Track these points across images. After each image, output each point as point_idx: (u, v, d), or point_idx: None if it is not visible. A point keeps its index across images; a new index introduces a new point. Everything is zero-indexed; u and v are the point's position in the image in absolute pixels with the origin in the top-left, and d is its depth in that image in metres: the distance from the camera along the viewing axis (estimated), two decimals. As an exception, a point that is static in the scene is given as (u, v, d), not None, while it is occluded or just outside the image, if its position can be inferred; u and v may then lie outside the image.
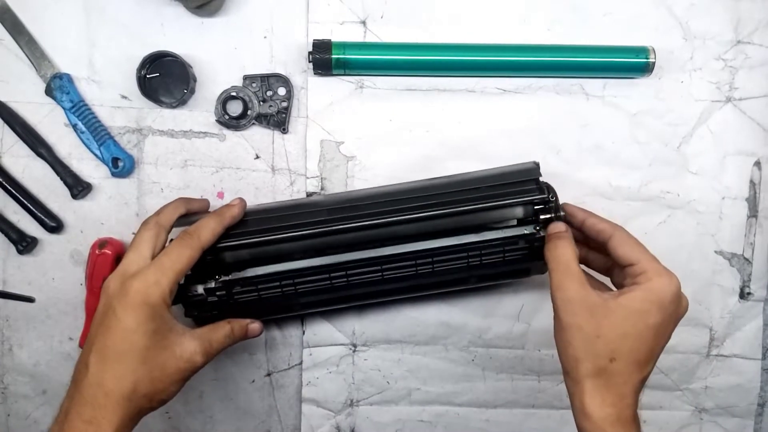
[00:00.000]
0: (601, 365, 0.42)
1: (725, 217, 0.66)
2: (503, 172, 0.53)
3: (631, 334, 0.42)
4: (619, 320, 0.42)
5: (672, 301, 0.43)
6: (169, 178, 0.62)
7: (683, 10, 0.64)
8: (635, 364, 0.42)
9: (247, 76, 0.61)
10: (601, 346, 0.41)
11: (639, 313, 0.42)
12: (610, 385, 0.42)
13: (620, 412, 0.41)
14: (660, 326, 0.42)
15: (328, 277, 0.52)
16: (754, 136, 0.65)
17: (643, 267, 0.44)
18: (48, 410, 0.64)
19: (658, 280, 0.43)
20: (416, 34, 0.62)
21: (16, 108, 0.61)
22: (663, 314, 0.42)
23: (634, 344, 0.42)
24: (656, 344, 0.43)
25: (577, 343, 0.42)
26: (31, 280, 0.62)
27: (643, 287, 0.43)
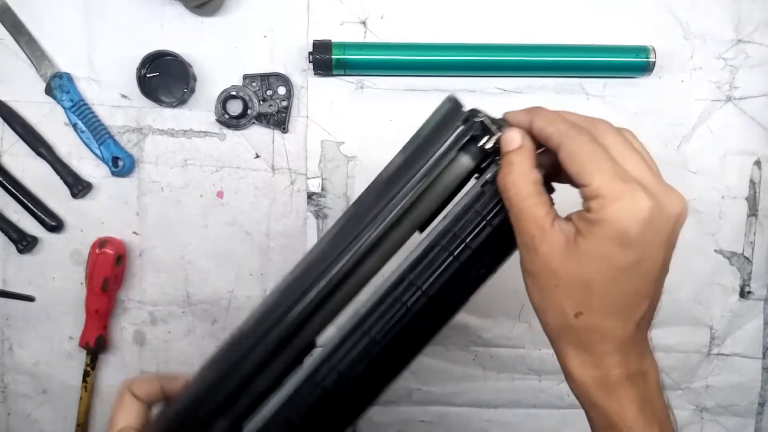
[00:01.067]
0: (566, 321, 0.33)
1: (725, 216, 0.66)
2: (418, 141, 0.40)
3: (595, 281, 0.32)
4: (578, 266, 0.32)
5: (642, 229, 0.31)
6: (169, 178, 0.62)
7: (683, 10, 0.64)
8: (611, 315, 0.33)
9: (247, 75, 0.61)
10: (561, 297, 0.33)
11: (599, 257, 0.32)
12: (584, 344, 0.34)
13: (605, 374, 0.33)
14: (634, 265, 0.32)
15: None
16: (755, 135, 0.65)
17: (595, 190, 0.31)
18: (48, 410, 0.64)
19: (613, 207, 0.31)
20: (416, 35, 0.62)
21: (16, 107, 0.61)
22: (633, 250, 0.31)
23: (603, 293, 0.32)
24: (638, 286, 0.33)
25: (537, 294, 0.34)
26: (31, 280, 0.62)
27: (597, 221, 0.31)
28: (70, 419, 0.63)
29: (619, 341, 0.33)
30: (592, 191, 0.31)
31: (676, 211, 0.32)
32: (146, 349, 0.64)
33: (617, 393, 0.34)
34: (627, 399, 0.34)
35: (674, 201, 0.32)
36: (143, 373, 0.64)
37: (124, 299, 0.63)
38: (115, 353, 0.64)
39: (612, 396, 0.33)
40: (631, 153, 0.33)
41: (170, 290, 0.63)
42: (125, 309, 0.63)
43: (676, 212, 0.32)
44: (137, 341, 0.64)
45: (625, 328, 0.33)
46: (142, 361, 0.64)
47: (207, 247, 0.63)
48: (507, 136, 0.35)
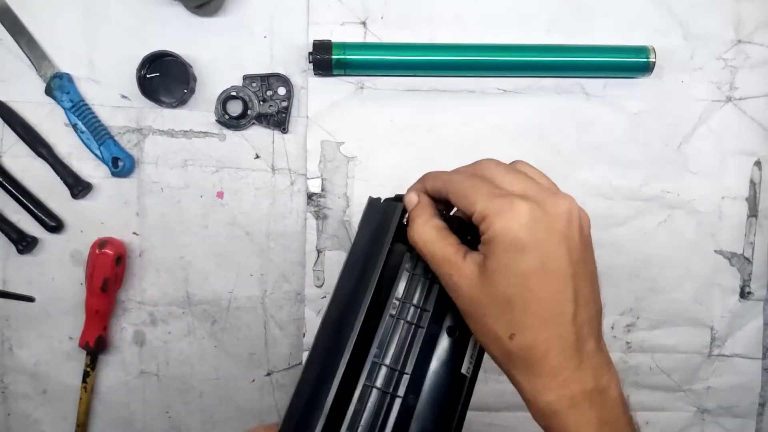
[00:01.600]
0: (504, 347, 0.33)
1: (725, 217, 0.66)
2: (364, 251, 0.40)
3: (513, 295, 0.32)
4: (493, 287, 0.33)
5: (530, 232, 0.32)
6: (169, 178, 0.62)
7: (684, 10, 0.64)
8: (541, 326, 0.32)
9: (247, 75, 0.61)
10: (491, 324, 0.33)
11: (505, 271, 0.32)
12: (529, 366, 0.33)
13: (560, 395, 0.33)
14: (539, 268, 0.32)
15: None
16: (755, 135, 0.65)
17: (480, 213, 0.33)
18: (48, 410, 0.64)
19: (499, 221, 0.32)
20: (416, 35, 0.62)
21: (16, 108, 0.61)
22: (531, 254, 0.32)
23: (524, 306, 0.32)
24: (554, 288, 0.33)
25: (475, 329, 0.35)
26: (31, 280, 0.62)
27: (491, 239, 0.32)
28: (70, 420, 0.63)
29: (562, 355, 0.33)
30: (478, 216, 0.33)
31: (562, 210, 0.33)
32: (146, 350, 0.64)
33: (575, 416, 0.33)
34: (584, 421, 0.33)
35: (559, 200, 0.34)
36: (142, 373, 0.64)
37: (124, 300, 0.63)
38: (115, 354, 0.64)
39: (570, 420, 0.33)
40: (514, 174, 0.36)
41: (170, 291, 0.63)
42: (125, 309, 0.63)
43: (562, 210, 0.33)
44: (137, 342, 0.64)
45: (563, 339, 0.33)
46: (142, 362, 0.64)
47: (207, 248, 0.63)
48: (406, 199, 0.39)
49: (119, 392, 0.64)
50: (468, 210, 0.34)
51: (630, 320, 0.66)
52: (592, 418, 0.33)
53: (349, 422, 0.34)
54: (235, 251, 0.63)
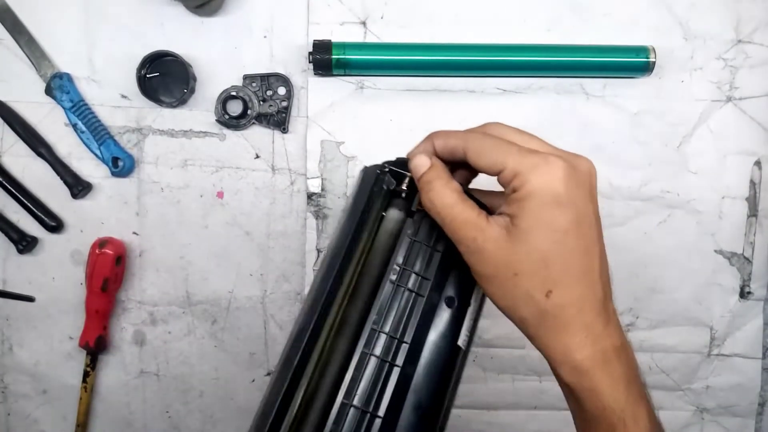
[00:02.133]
0: (540, 307, 0.33)
1: (725, 217, 0.66)
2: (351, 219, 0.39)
3: (550, 252, 0.32)
4: (528, 245, 0.32)
5: (567, 187, 0.32)
6: (169, 178, 0.62)
7: (683, 10, 0.64)
8: (578, 283, 0.33)
9: (247, 75, 0.61)
10: (525, 284, 0.32)
11: (544, 227, 0.32)
12: (565, 324, 0.33)
13: (599, 350, 0.33)
14: (575, 223, 0.32)
15: None
16: (755, 135, 0.65)
17: (512, 169, 0.33)
18: (48, 409, 0.64)
19: (535, 175, 0.32)
20: (416, 35, 0.62)
21: (16, 107, 0.61)
22: (569, 209, 0.32)
23: (561, 262, 0.32)
24: (587, 243, 0.33)
25: (501, 294, 0.34)
26: (31, 280, 0.62)
27: (528, 195, 0.32)
28: (70, 419, 0.63)
29: (596, 310, 0.33)
30: (509, 173, 0.33)
31: (587, 168, 0.34)
32: (146, 350, 0.64)
33: (607, 372, 0.33)
34: (615, 376, 0.33)
35: (582, 160, 0.35)
36: (142, 373, 0.64)
37: (123, 299, 0.63)
38: (115, 353, 0.64)
39: (603, 376, 0.33)
40: (528, 135, 0.36)
41: (170, 290, 0.63)
42: (125, 309, 0.63)
43: (587, 168, 0.34)
44: (137, 341, 0.64)
45: (595, 294, 0.33)
46: (142, 362, 0.64)
47: (207, 248, 0.63)
48: (415, 163, 0.37)
49: (119, 392, 0.64)
50: (495, 167, 0.34)
51: (630, 320, 0.66)
52: (621, 374, 0.33)
53: (346, 389, 0.33)
54: (235, 251, 0.63)
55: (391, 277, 0.36)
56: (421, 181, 0.36)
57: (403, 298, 0.35)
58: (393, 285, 0.36)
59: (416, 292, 0.36)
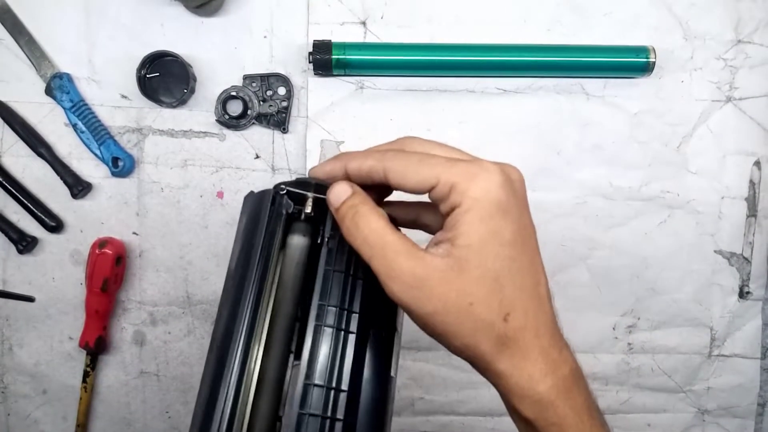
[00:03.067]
0: (499, 332, 0.29)
1: (725, 217, 0.66)
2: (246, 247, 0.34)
3: (501, 269, 0.29)
4: (482, 268, 0.28)
5: (507, 194, 0.29)
6: (169, 178, 0.62)
7: (683, 10, 0.64)
8: (530, 299, 0.30)
9: (247, 75, 0.61)
10: (482, 311, 0.29)
11: (492, 243, 0.29)
12: (525, 349, 0.29)
13: (560, 376, 0.30)
14: (518, 233, 0.29)
15: None
16: (754, 135, 0.65)
17: (446, 182, 0.29)
18: (48, 410, 0.64)
19: (476, 185, 0.29)
20: (416, 35, 0.62)
21: (16, 108, 0.61)
22: (512, 217, 0.29)
23: (511, 278, 0.29)
24: (531, 255, 0.30)
25: (455, 329, 0.29)
26: (31, 280, 0.62)
27: (471, 207, 0.29)
28: (70, 420, 0.63)
29: (550, 331, 0.30)
30: (443, 186, 0.29)
31: (518, 174, 0.31)
32: (146, 350, 0.64)
33: (572, 399, 0.30)
34: (579, 404, 0.30)
35: (510, 167, 0.31)
36: (142, 373, 0.64)
37: (123, 300, 0.63)
38: (114, 354, 0.64)
39: (568, 405, 0.30)
40: (447, 146, 0.33)
41: (170, 291, 0.63)
42: (125, 309, 0.63)
43: (518, 175, 0.31)
44: (137, 342, 0.64)
45: (546, 313, 0.30)
46: (142, 362, 0.64)
47: (207, 248, 0.63)
48: (334, 191, 0.32)
49: (119, 392, 0.64)
50: (425, 183, 0.30)
51: (631, 321, 0.66)
52: (582, 403, 0.30)
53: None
54: (235, 251, 0.63)
55: (314, 318, 0.31)
56: (342, 208, 0.32)
57: (333, 339, 0.31)
58: (319, 326, 0.31)
59: (345, 330, 0.31)
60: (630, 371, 0.67)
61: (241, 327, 0.31)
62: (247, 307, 0.31)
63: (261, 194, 0.34)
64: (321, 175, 0.34)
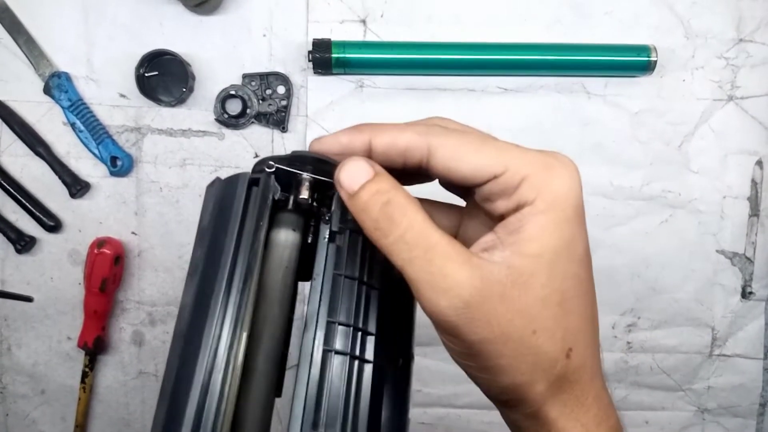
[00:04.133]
0: (560, 372, 0.23)
1: (727, 217, 0.65)
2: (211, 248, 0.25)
3: (569, 293, 0.23)
4: (548, 285, 0.22)
5: (582, 197, 0.23)
6: (168, 177, 0.62)
7: (685, 9, 0.64)
8: (592, 334, 0.24)
9: (246, 74, 0.61)
10: (545, 342, 0.22)
11: (565, 253, 0.22)
12: (579, 396, 0.24)
13: (610, 424, 0.25)
14: (587, 245, 0.24)
15: None
16: (756, 134, 0.65)
17: (518, 170, 0.23)
18: (46, 410, 0.64)
19: (556, 180, 0.22)
20: (416, 33, 0.62)
21: (15, 107, 0.61)
22: (585, 224, 0.23)
23: (575, 302, 0.23)
24: (591, 272, 0.24)
25: (515, 363, 0.23)
26: (29, 280, 0.62)
27: (545, 206, 0.22)
28: (69, 420, 0.63)
29: (599, 373, 0.25)
30: (514, 176, 0.23)
31: (578, 176, 0.24)
32: (145, 350, 0.64)
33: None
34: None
35: (570, 162, 0.24)
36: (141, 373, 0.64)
37: (122, 300, 0.63)
38: (113, 354, 0.64)
39: None
40: (486, 134, 0.26)
41: (169, 290, 0.63)
42: (124, 309, 0.63)
43: (578, 176, 0.24)
44: (136, 342, 0.64)
45: (598, 348, 0.25)
46: (140, 362, 0.64)
47: (206, 247, 0.63)
48: (348, 171, 0.24)
49: (118, 392, 0.64)
50: (484, 171, 0.23)
51: (631, 320, 0.66)
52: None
53: None
54: (235, 251, 0.63)
55: (321, 341, 0.23)
56: (363, 194, 0.23)
57: (347, 369, 0.23)
58: (329, 352, 0.23)
59: (360, 358, 0.24)
60: (628, 369, 0.67)
61: (209, 353, 0.21)
62: (215, 329, 0.22)
63: (234, 177, 0.25)
64: (331, 149, 0.27)
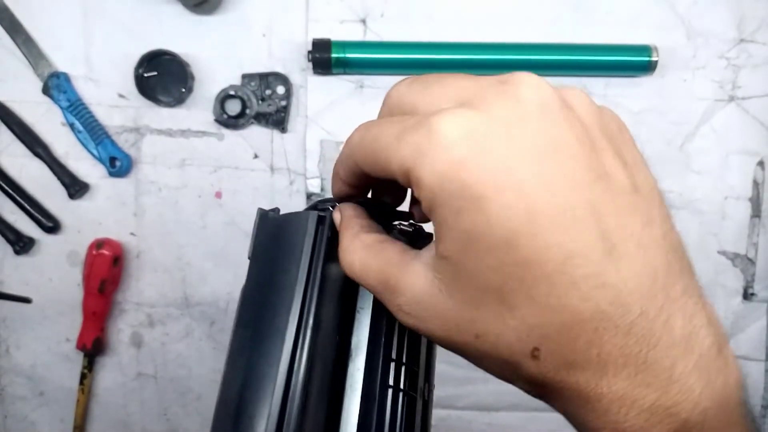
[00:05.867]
0: (535, 375, 0.21)
1: (728, 217, 0.65)
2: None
3: (505, 282, 0.19)
4: (465, 285, 0.20)
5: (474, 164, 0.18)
6: (167, 178, 0.62)
7: (686, 9, 0.63)
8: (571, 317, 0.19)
9: (245, 74, 0.61)
10: (493, 348, 0.22)
11: (471, 244, 0.19)
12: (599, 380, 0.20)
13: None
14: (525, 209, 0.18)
15: None
16: (758, 135, 0.65)
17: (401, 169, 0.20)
18: (45, 412, 0.64)
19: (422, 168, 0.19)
20: (416, 33, 0.61)
21: (13, 107, 0.60)
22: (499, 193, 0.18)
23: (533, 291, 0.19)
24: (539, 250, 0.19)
25: (482, 366, 0.24)
26: (28, 281, 0.62)
27: (429, 206, 0.20)
28: (67, 421, 0.63)
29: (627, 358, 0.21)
30: (400, 174, 0.20)
31: (525, 96, 0.20)
32: (144, 351, 0.63)
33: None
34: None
35: (510, 87, 0.20)
36: (140, 375, 0.64)
37: (121, 301, 0.63)
38: (112, 355, 0.63)
39: None
40: (438, 85, 0.22)
41: (168, 292, 0.63)
42: (122, 311, 0.63)
43: (525, 98, 0.20)
44: (135, 343, 0.63)
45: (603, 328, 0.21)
46: (139, 364, 0.64)
47: (205, 248, 0.62)
48: (334, 216, 0.26)
49: (117, 394, 0.64)
50: (386, 172, 0.21)
51: (632, 321, 0.66)
52: None
53: None
54: (234, 251, 0.63)
55: (379, 377, 0.24)
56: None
57: (402, 404, 0.24)
58: (377, 386, 0.24)
59: (403, 391, 0.24)
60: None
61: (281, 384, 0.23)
62: (288, 360, 0.23)
63: (302, 214, 0.26)
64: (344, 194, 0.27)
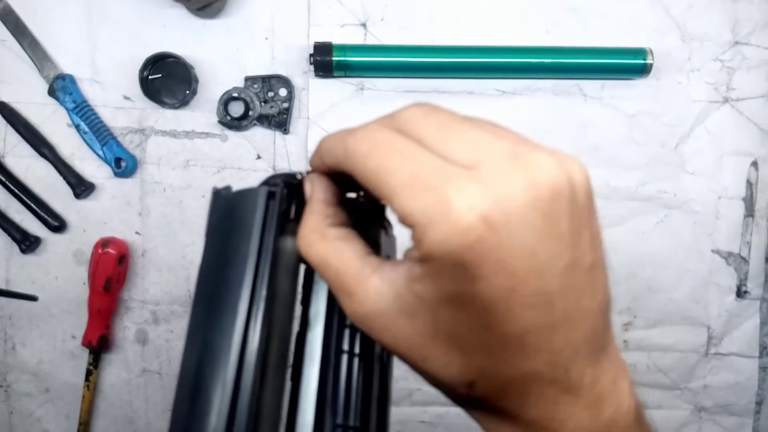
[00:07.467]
0: (466, 397, 0.24)
1: (722, 217, 0.66)
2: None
3: (463, 333, 0.21)
4: (427, 323, 0.21)
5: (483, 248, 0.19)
6: (172, 178, 0.63)
7: (681, 12, 0.64)
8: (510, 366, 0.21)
9: (248, 77, 0.62)
10: (438, 372, 0.23)
11: (445, 300, 0.20)
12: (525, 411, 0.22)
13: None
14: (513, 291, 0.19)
15: None
16: (751, 136, 0.66)
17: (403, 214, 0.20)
18: (50, 408, 0.64)
19: (429, 234, 0.19)
20: (416, 37, 0.62)
21: (19, 108, 0.61)
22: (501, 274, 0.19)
23: (479, 342, 0.21)
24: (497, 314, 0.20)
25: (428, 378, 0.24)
26: (34, 279, 0.63)
27: (426, 256, 0.20)
28: (73, 418, 0.64)
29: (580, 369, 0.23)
30: (402, 217, 0.20)
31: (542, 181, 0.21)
32: (148, 349, 0.64)
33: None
34: None
35: (531, 166, 0.21)
36: (145, 371, 0.64)
37: (126, 299, 0.64)
38: (117, 352, 0.64)
39: None
40: (456, 128, 0.22)
41: (172, 290, 0.64)
42: (128, 308, 0.64)
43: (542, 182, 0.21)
44: (140, 340, 0.64)
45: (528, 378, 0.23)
46: (144, 361, 0.64)
47: (208, 247, 0.63)
48: (305, 188, 0.26)
49: (122, 390, 0.65)
50: (380, 196, 0.21)
51: (627, 319, 0.67)
52: None
53: None
54: (237, 251, 0.63)
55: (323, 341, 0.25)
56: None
57: (357, 368, 0.25)
58: (332, 351, 0.25)
59: (357, 354, 0.25)
60: (626, 369, 0.67)
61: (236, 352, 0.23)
62: (241, 331, 0.24)
63: (253, 190, 0.27)
64: (311, 165, 0.27)
